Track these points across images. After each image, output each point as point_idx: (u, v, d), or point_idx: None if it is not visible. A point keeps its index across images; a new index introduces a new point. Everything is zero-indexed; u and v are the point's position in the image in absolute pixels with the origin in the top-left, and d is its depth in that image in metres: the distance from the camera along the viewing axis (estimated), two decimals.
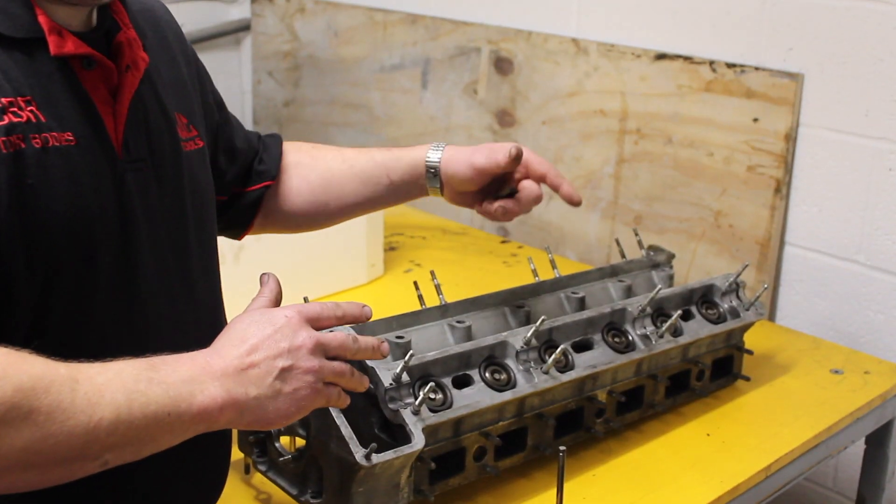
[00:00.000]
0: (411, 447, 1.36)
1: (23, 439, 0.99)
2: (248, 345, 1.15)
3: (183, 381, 1.09)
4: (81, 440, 1.02)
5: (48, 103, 1.12)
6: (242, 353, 1.14)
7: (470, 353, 1.54)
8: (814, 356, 2.06)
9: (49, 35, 1.12)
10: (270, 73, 3.39)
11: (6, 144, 1.07)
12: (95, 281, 1.16)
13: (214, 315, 1.39)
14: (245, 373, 1.13)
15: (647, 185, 2.45)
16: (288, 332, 1.16)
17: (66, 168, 1.12)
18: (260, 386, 1.13)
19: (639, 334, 1.72)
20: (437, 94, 2.88)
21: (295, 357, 1.15)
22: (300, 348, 1.16)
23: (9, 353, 1.01)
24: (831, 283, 2.23)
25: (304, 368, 1.16)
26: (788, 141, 2.21)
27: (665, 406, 1.80)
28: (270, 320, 1.17)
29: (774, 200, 2.24)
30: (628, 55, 2.44)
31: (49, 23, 1.12)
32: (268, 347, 1.15)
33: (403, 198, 1.73)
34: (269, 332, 1.16)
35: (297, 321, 1.18)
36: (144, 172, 1.22)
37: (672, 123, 2.38)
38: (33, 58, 1.12)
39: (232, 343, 1.15)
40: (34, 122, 1.10)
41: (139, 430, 1.05)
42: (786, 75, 2.19)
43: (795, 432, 1.77)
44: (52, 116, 1.11)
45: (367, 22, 3.03)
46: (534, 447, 1.62)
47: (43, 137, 1.10)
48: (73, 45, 1.14)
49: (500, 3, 2.71)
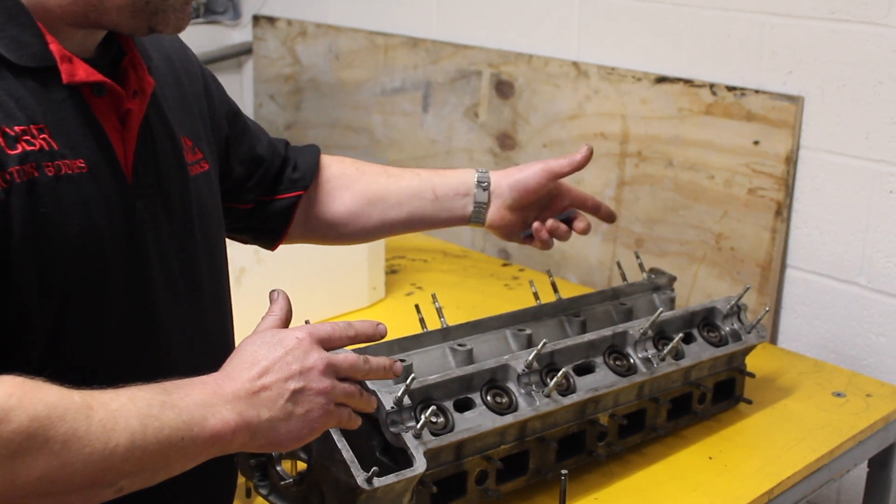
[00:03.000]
0: (413, 471, 1.35)
1: (40, 468, 0.99)
2: (259, 367, 1.14)
3: (196, 404, 1.08)
4: (98, 467, 1.02)
5: (60, 131, 1.12)
6: (254, 376, 1.13)
7: (471, 376, 1.54)
8: (816, 379, 2.06)
9: (61, 63, 1.12)
10: (272, 97, 3.40)
11: (20, 173, 1.07)
12: (108, 307, 1.16)
13: (225, 338, 1.39)
14: (257, 395, 1.12)
15: (648, 207, 2.45)
16: (299, 353, 1.16)
17: (78, 196, 1.12)
18: (272, 408, 1.13)
19: (640, 357, 1.72)
20: (439, 117, 2.89)
21: (306, 379, 1.15)
22: (311, 370, 1.15)
23: (24, 382, 1.01)
24: (833, 306, 2.23)
25: (315, 390, 1.15)
26: (789, 163, 2.21)
27: (667, 429, 1.80)
28: (281, 342, 1.17)
29: (775, 223, 2.25)
30: (629, 78, 2.44)
31: (60, 51, 1.13)
32: (279, 370, 1.14)
33: (445, 217, 1.73)
34: (279, 354, 1.15)
35: (308, 342, 1.17)
36: (153, 198, 1.22)
37: (673, 146, 2.38)
38: (45, 86, 1.12)
39: (243, 366, 1.15)
40: (47, 150, 1.10)
41: (154, 454, 1.05)
42: (786, 98, 2.20)
43: (798, 455, 1.76)
44: (64, 144, 1.11)
45: (369, 45, 3.05)
46: (536, 471, 1.61)
47: (56, 165, 1.10)
48: (84, 72, 1.14)
49: (500, 26, 2.72)
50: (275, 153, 1.63)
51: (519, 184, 1.68)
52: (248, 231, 1.62)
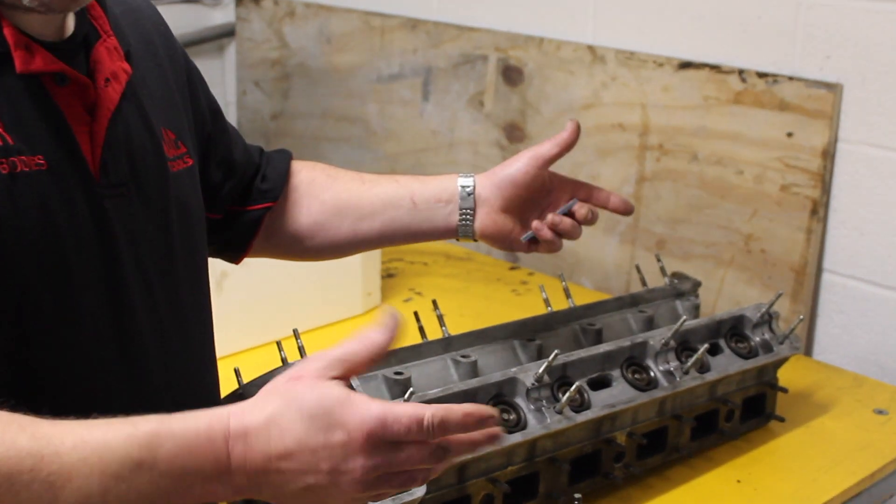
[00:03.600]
0: (411, 495, 1.35)
1: None
2: (284, 446, 1.03)
3: (184, 471, 1.00)
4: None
5: (16, 124, 1.10)
6: (273, 455, 1.03)
7: (476, 390, 1.54)
8: (855, 395, 2.06)
9: (15, 50, 1.11)
10: (257, 84, 3.40)
11: None
12: (76, 313, 1.15)
13: (205, 346, 1.38)
14: (266, 474, 1.03)
15: (670, 206, 2.45)
16: (339, 454, 1.04)
17: (36, 195, 1.10)
18: (276, 491, 1.05)
19: (662, 370, 1.72)
20: (440, 106, 2.89)
21: (332, 478, 1.04)
22: (344, 474, 1.04)
23: None
24: (874, 315, 2.23)
25: (341, 491, 1.05)
26: (826, 158, 2.21)
27: (691, 449, 1.80)
28: (328, 427, 1.04)
29: (811, 223, 2.25)
30: (650, 64, 2.45)
31: (15, 36, 1.11)
32: (302, 460, 1.03)
33: (427, 228, 1.64)
34: (315, 444, 1.03)
35: (359, 445, 1.04)
36: (126, 197, 1.21)
37: (698, 138, 2.39)
38: (2, 74, 1.11)
39: (270, 435, 1.03)
40: (3, 146, 1.08)
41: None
42: (823, 86, 2.20)
43: (835, 479, 1.77)
44: (20, 139, 1.10)
45: (363, 27, 3.05)
46: (546, 495, 1.62)
47: (10, 162, 1.09)
48: (42, 61, 1.13)
49: (508, 7, 2.72)
50: (250, 160, 1.61)
51: (505, 180, 1.61)
52: (213, 243, 1.55)
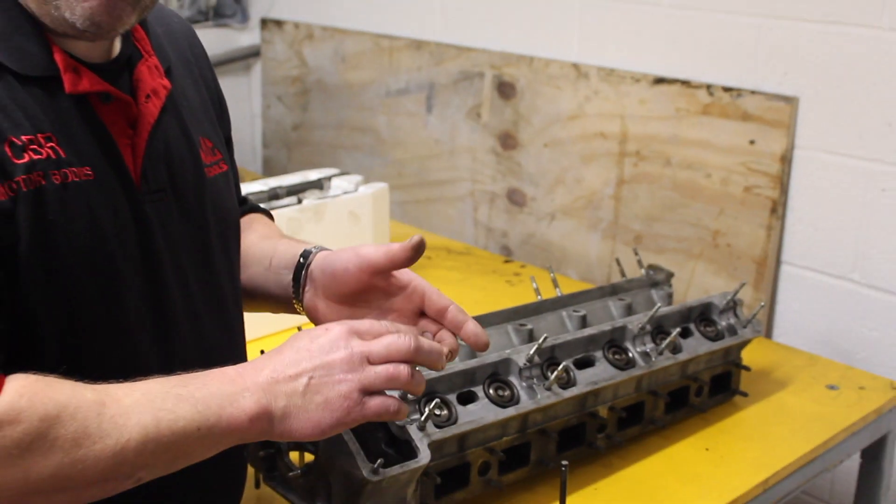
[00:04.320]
0: (417, 462, 1.36)
1: (52, 466, 0.99)
2: (284, 357, 1.13)
3: (212, 395, 1.08)
4: (111, 462, 1.02)
5: (67, 139, 1.10)
6: (278, 365, 1.12)
7: (474, 370, 1.54)
8: (810, 372, 2.06)
9: (64, 73, 1.11)
10: (280, 98, 3.40)
11: (26, 182, 1.06)
12: (121, 313, 1.15)
13: (236, 329, 1.37)
14: (277, 384, 1.11)
15: (646, 205, 2.46)
16: (326, 344, 1.14)
17: (85, 202, 1.10)
18: (290, 396, 1.11)
19: (639, 351, 1.72)
20: (442, 117, 2.90)
21: (328, 368, 1.13)
22: (335, 359, 1.13)
23: (36, 380, 1.01)
24: (827, 301, 2.24)
25: (336, 379, 1.12)
26: (784, 162, 2.22)
27: (665, 421, 1.80)
28: (311, 333, 1.15)
29: (771, 220, 2.25)
30: (628, 79, 2.45)
31: (65, 60, 1.11)
32: (301, 360, 1.13)
33: (276, 292, 1.41)
34: (305, 345, 1.14)
35: (339, 334, 1.15)
36: (165, 202, 1.20)
37: (670, 145, 2.39)
38: (52, 94, 1.10)
39: (269, 356, 1.14)
40: (54, 159, 1.08)
41: (169, 447, 1.05)
42: (781, 99, 2.20)
43: (792, 447, 1.77)
44: (71, 152, 1.10)
45: (374, 48, 3.05)
46: (537, 462, 1.62)
47: (62, 173, 1.09)
48: (88, 82, 1.13)
49: (502, 29, 2.72)
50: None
51: (327, 269, 1.33)
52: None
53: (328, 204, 2.23)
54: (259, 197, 2.20)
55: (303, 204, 2.20)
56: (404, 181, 3.03)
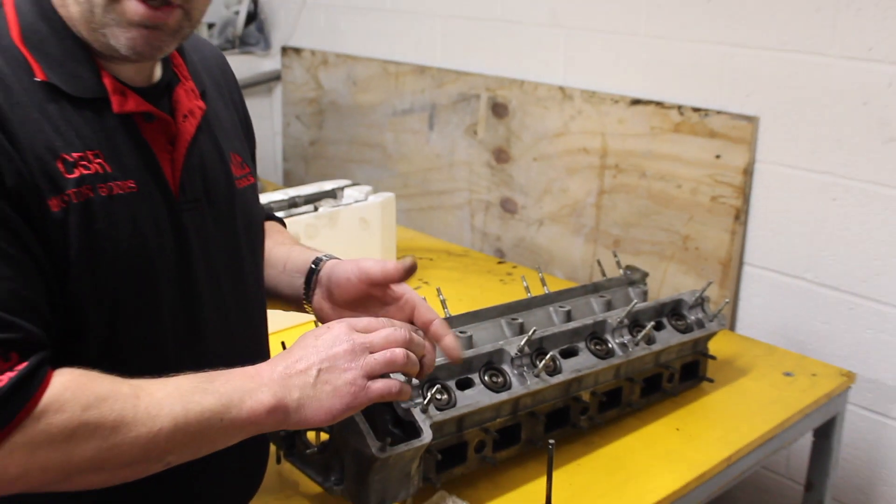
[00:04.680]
0: (420, 441, 1.35)
1: (92, 449, 1.00)
2: (294, 354, 1.14)
3: (234, 389, 1.09)
4: (144, 447, 1.03)
5: (113, 155, 1.10)
6: (289, 362, 1.13)
7: (471, 359, 1.54)
8: (768, 361, 2.06)
9: (112, 95, 1.11)
10: (298, 117, 3.40)
11: (77, 195, 1.06)
12: (158, 312, 1.15)
13: (260, 323, 1.37)
14: (290, 378, 1.12)
15: (624, 213, 2.45)
16: (330, 339, 1.15)
17: (128, 212, 1.10)
18: (303, 388, 1.12)
19: (617, 343, 1.72)
20: (442, 134, 2.89)
21: (334, 360, 1.14)
22: (338, 351, 1.14)
23: (80, 374, 1.02)
24: (784, 298, 2.23)
25: (341, 369, 1.14)
26: (746, 175, 2.21)
27: (640, 405, 1.80)
28: (315, 332, 1.17)
29: (734, 226, 2.25)
30: (608, 101, 2.44)
31: (113, 83, 1.11)
32: (309, 355, 1.14)
33: (289, 293, 1.42)
34: (311, 342, 1.15)
35: (341, 330, 1.16)
36: (200, 211, 1.20)
37: (645, 160, 2.39)
38: (100, 115, 1.10)
39: (282, 355, 1.15)
40: (101, 174, 1.08)
41: (195, 434, 1.06)
42: (743, 118, 2.20)
43: (753, 427, 1.77)
44: (116, 167, 1.10)
45: (382, 72, 3.05)
46: (527, 441, 1.62)
47: (108, 186, 1.09)
48: (133, 103, 1.13)
49: (496, 55, 2.72)
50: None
51: (333, 277, 1.35)
52: None
53: (341, 211, 2.23)
54: (280, 205, 2.20)
55: (319, 211, 2.20)
56: (409, 191, 3.03)
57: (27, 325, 1.01)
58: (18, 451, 0.98)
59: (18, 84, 1.05)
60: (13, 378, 0.97)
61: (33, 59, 1.08)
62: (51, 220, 1.04)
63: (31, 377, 0.99)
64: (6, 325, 0.99)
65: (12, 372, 0.98)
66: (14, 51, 1.07)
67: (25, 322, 1.01)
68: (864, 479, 2.18)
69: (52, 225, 1.04)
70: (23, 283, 1.02)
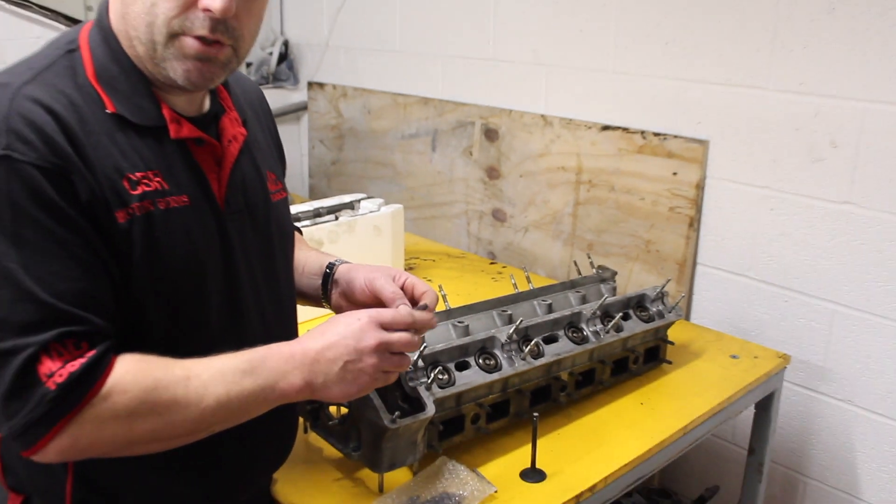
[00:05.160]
0: (425, 414, 1.36)
1: (150, 425, 1.02)
2: (325, 341, 1.13)
3: (270, 370, 1.09)
4: (193, 423, 1.04)
5: (170, 174, 1.11)
6: (319, 349, 1.12)
7: (468, 345, 1.55)
8: (718, 345, 2.06)
9: (170, 123, 1.12)
10: (321, 141, 3.40)
11: (140, 208, 1.07)
12: (207, 304, 1.16)
13: (291, 315, 1.37)
14: (318, 363, 1.12)
15: (596, 221, 2.45)
16: (358, 333, 1.14)
17: (182, 222, 1.11)
18: (328, 374, 1.12)
19: (591, 331, 1.72)
20: (443, 155, 2.89)
21: (359, 354, 1.13)
22: (364, 348, 1.14)
23: (138, 360, 1.03)
24: (730, 292, 2.24)
25: (365, 363, 1.14)
26: (699, 189, 2.22)
27: (610, 383, 1.80)
28: (347, 322, 1.15)
29: (689, 232, 2.25)
30: (582, 127, 2.45)
31: (170, 113, 1.12)
32: (339, 345, 1.13)
33: (310, 293, 1.43)
34: (342, 332, 1.14)
35: (367, 324, 1.15)
36: (241, 221, 1.21)
37: (614, 176, 2.39)
38: (160, 140, 1.11)
39: (314, 336, 1.14)
40: (160, 190, 1.09)
41: (236, 409, 1.07)
42: (696, 141, 2.20)
43: (705, 401, 1.77)
44: (173, 184, 1.11)
45: (392, 103, 3.05)
46: (515, 414, 1.62)
47: (166, 201, 1.10)
48: (187, 130, 1.14)
49: (488, 89, 2.73)
50: None
51: (350, 281, 1.37)
52: None
53: (358, 220, 2.23)
54: (306, 215, 2.20)
55: (339, 220, 2.20)
56: (415, 203, 3.03)
57: (95, 318, 1.02)
58: (88, 424, 0.99)
59: (92, 115, 1.06)
60: (84, 364, 0.98)
61: (105, 94, 1.09)
62: (118, 229, 1.05)
63: (98, 363, 1.00)
64: (78, 319, 1.00)
65: (83, 358, 0.99)
66: (89, 87, 1.08)
67: (94, 316, 1.02)
68: (797, 443, 2.18)
69: (118, 234, 1.05)
70: (92, 283, 1.03)
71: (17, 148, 0.99)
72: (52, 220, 1.00)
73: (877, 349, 2.00)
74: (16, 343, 0.97)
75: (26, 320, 0.98)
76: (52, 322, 0.98)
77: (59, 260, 1.00)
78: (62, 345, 0.99)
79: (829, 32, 1.92)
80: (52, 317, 0.99)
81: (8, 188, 0.98)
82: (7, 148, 0.99)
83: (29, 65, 1.08)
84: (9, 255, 0.98)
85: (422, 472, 1.45)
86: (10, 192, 0.98)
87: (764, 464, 2.03)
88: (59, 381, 0.97)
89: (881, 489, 2.05)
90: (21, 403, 0.97)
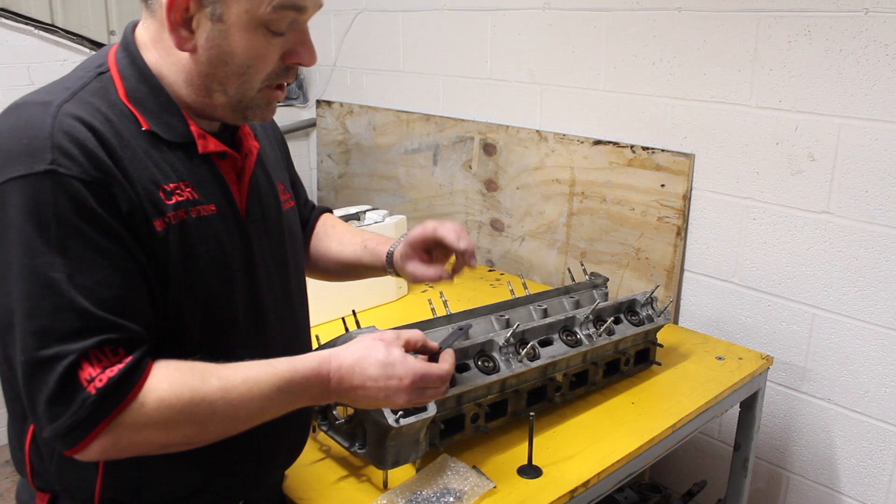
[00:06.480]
0: (427, 414, 1.36)
1: (186, 431, 1.02)
2: (366, 375, 1.13)
3: (303, 392, 1.10)
4: (226, 430, 1.05)
5: (200, 185, 1.12)
6: (354, 386, 1.13)
7: (467, 347, 1.54)
8: (704, 347, 2.06)
9: (197, 139, 1.13)
10: (329, 156, 3.41)
11: (175, 217, 1.08)
12: (232, 300, 1.16)
13: (304, 317, 1.38)
14: (354, 391, 1.14)
15: (589, 230, 2.45)
16: (393, 391, 1.15)
17: (211, 229, 1.12)
18: (350, 396, 1.14)
19: (584, 334, 1.72)
20: (444, 168, 2.89)
21: (395, 391, 1.15)
22: (400, 388, 1.15)
23: (176, 368, 1.03)
24: (715, 297, 2.23)
25: (396, 397, 1.15)
26: (685, 200, 2.21)
27: (603, 384, 1.80)
28: (388, 377, 1.15)
29: (676, 241, 2.25)
30: (575, 141, 2.45)
31: (197, 130, 1.13)
32: (378, 380, 1.14)
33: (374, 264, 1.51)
34: (380, 384, 1.14)
35: (405, 387, 1.16)
36: (259, 228, 1.22)
37: (605, 188, 2.39)
38: (188, 154, 1.12)
39: (354, 373, 1.14)
40: (192, 199, 1.10)
41: (267, 418, 1.09)
42: (682, 155, 2.20)
43: (692, 400, 1.77)
44: (202, 194, 1.12)
45: (396, 120, 3.05)
46: (512, 413, 1.62)
47: (197, 209, 1.11)
48: (213, 145, 1.15)
49: (487, 106, 2.73)
50: (305, 209, 1.58)
51: (408, 239, 1.43)
52: None
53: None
54: None
55: None
56: (417, 214, 3.03)
57: (132, 325, 1.02)
58: (126, 428, 0.99)
59: (128, 132, 1.07)
60: (121, 369, 0.98)
61: (138, 113, 1.10)
62: (156, 237, 1.06)
63: (135, 368, 1.00)
64: (117, 326, 1.00)
65: (121, 364, 0.99)
66: (122, 106, 1.09)
67: (131, 323, 1.01)
68: (780, 440, 2.17)
69: (157, 241, 1.06)
70: (131, 291, 1.03)
71: (62, 163, 1.00)
72: (96, 231, 1.00)
73: (854, 350, 1.99)
74: (58, 350, 0.97)
75: (69, 328, 0.98)
76: (92, 330, 0.98)
77: (101, 269, 1.00)
78: (101, 351, 0.99)
79: (805, 53, 1.93)
80: (93, 325, 0.99)
81: (54, 201, 0.99)
82: (53, 163, 0.99)
83: (64, 85, 1.09)
84: (55, 265, 0.98)
85: (424, 468, 1.45)
86: (56, 204, 0.99)
87: (749, 459, 2.03)
88: (100, 386, 0.97)
89: (859, 483, 2.05)
90: (64, 407, 0.97)
